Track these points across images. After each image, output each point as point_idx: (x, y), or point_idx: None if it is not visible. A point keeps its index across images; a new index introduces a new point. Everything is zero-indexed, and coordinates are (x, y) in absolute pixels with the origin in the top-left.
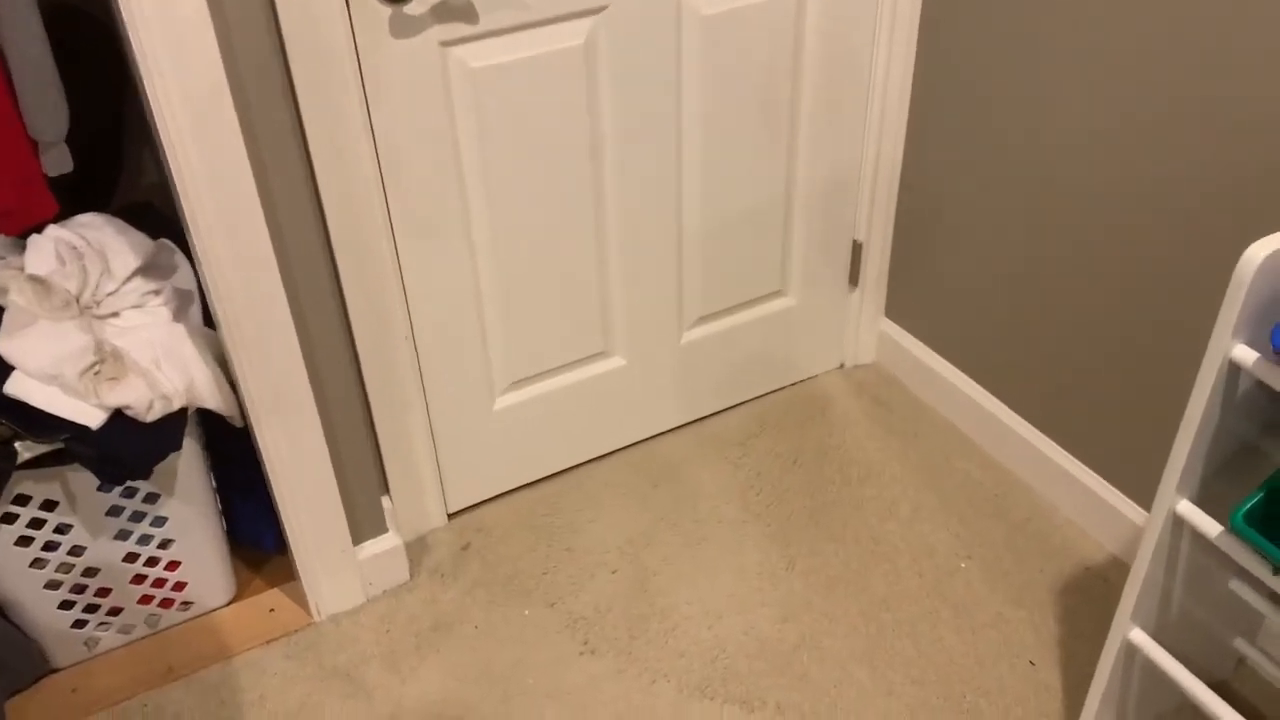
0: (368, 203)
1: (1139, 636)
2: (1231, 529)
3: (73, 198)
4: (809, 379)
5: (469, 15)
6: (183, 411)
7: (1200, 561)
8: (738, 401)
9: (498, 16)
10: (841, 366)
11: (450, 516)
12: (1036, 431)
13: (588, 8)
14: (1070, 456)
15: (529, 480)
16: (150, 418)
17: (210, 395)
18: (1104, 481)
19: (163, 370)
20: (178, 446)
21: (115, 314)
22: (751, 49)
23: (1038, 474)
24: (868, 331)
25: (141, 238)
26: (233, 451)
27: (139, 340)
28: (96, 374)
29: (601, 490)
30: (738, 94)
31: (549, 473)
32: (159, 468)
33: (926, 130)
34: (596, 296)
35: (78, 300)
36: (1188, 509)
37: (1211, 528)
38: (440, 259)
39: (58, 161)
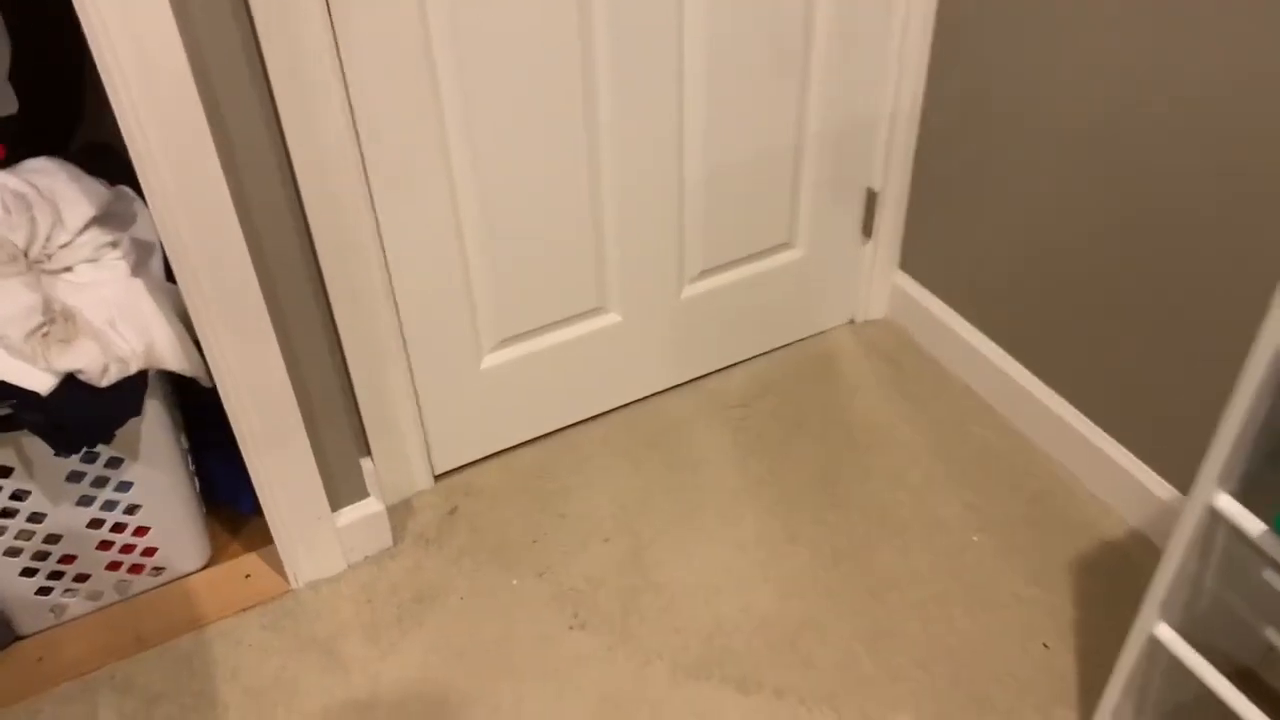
0: (338, 148)
1: (1165, 633)
2: (1277, 530)
3: (25, 142)
4: (816, 335)
5: None
6: (142, 374)
7: (1236, 552)
8: (740, 359)
9: None
10: (851, 322)
11: (437, 478)
12: (1058, 398)
13: None
14: (1094, 426)
15: (520, 441)
16: (105, 382)
17: (172, 356)
18: (1129, 454)
19: (119, 330)
20: (137, 412)
21: (68, 269)
22: None
23: (1058, 443)
24: (880, 285)
25: (97, 185)
26: (208, 406)
27: (93, 298)
28: (45, 335)
29: (595, 453)
30: (746, 23)
31: (541, 433)
32: (120, 432)
33: (951, 67)
34: (590, 249)
35: (25, 254)
36: (1228, 504)
37: (1254, 526)
38: (420, 208)
39: (2, 101)
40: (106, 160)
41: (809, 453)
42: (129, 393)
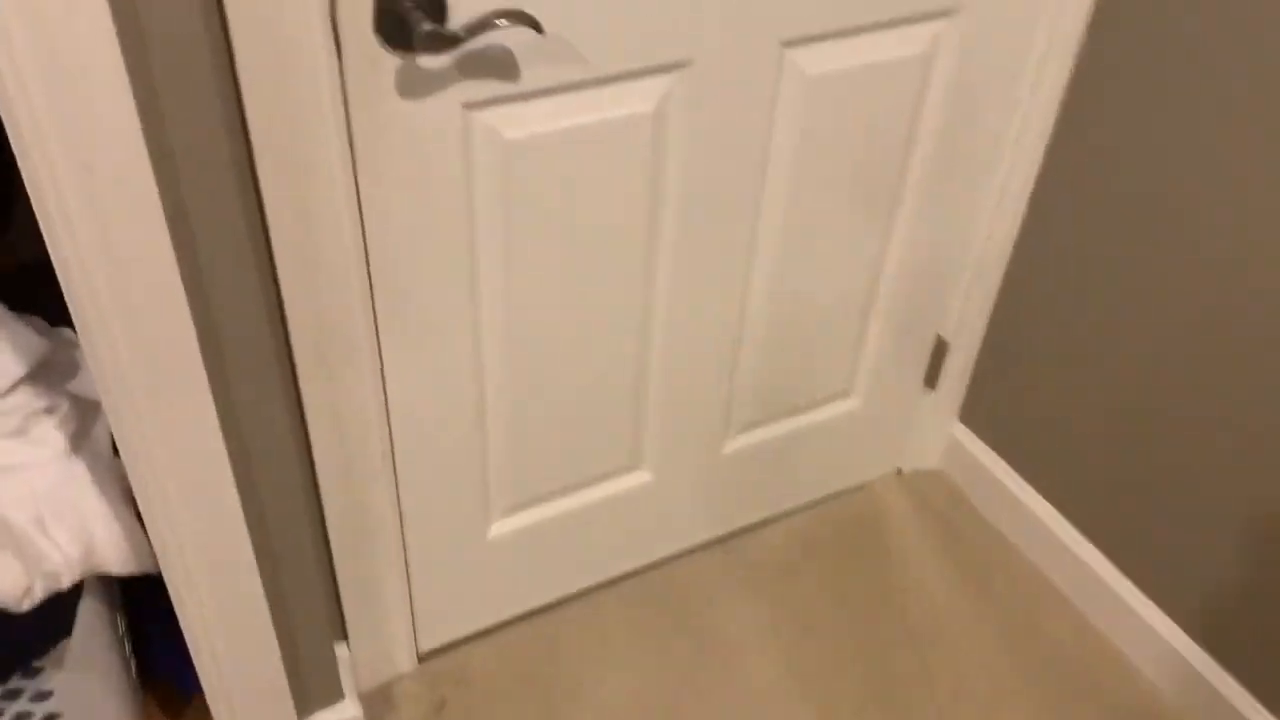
0: (344, 304)
1: None
2: None
3: None
4: (861, 485)
5: (507, 70)
6: (76, 586)
7: None
8: (777, 513)
9: (545, 73)
10: (899, 472)
11: (421, 658)
12: (1148, 601)
13: (664, 63)
14: (1191, 644)
15: (521, 612)
16: (27, 605)
17: (116, 556)
18: (1236, 685)
19: (49, 533)
20: (67, 632)
21: None
22: (859, 118)
23: (1146, 654)
24: (935, 435)
25: (29, 332)
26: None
27: (17, 490)
28: None
29: (610, 630)
30: (834, 170)
31: (546, 602)
32: None
33: (1048, 224)
34: (629, 405)
35: None
36: None
37: None
38: (437, 364)
39: None
40: (45, 288)
41: (861, 643)
42: (56, 613)
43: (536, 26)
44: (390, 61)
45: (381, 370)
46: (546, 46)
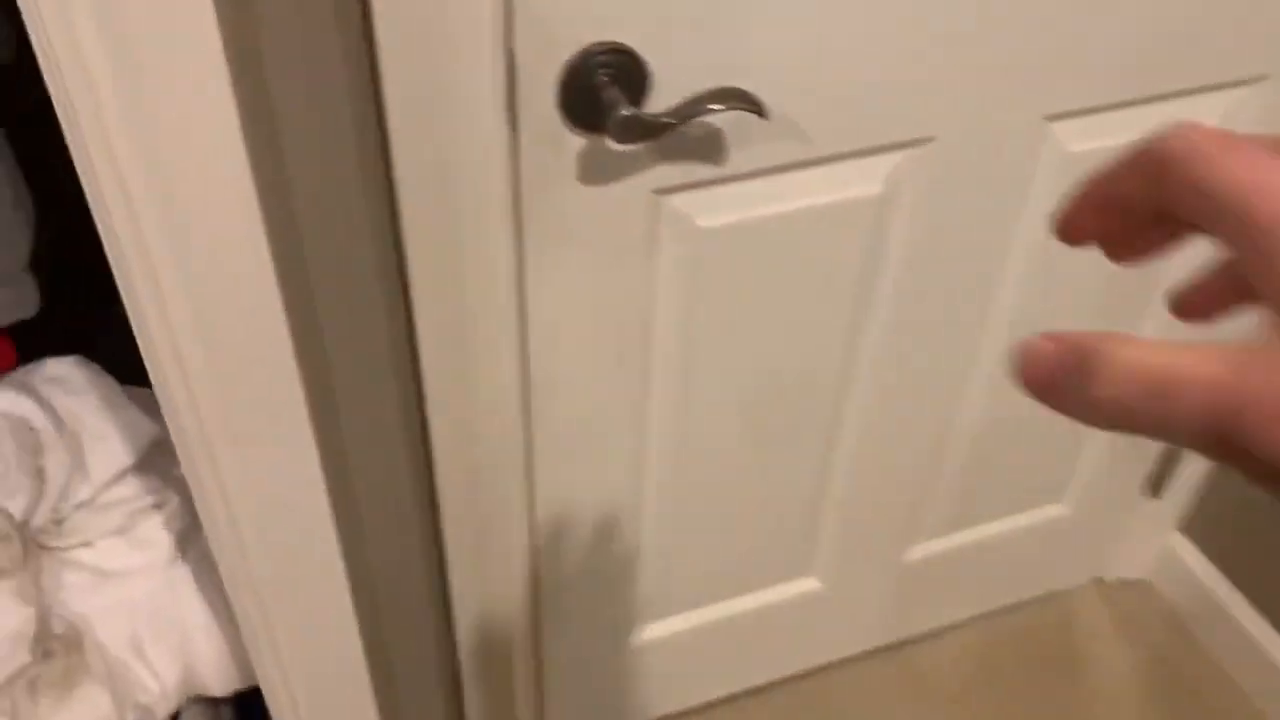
0: (497, 416)
1: None
2: None
3: (46, 344)
4: (1054, 594)
5: (712, 152)
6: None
7: None
8: (954, 622)
9: (757, 153)
10: (1099, 581)
11: None
12: None
13: (903, 139)
14: None
15: (658, 717)
16: None
17: (215, 677)
18: None
19: (146, 656)
20: None
21: (85, 544)
22: None
23: None
24: (1146, 544)
25: (138, 413)
26: None
27: (114, 602)
28: (33, 685)
29: None
30: (1085, 257)
31: (684, 707)
32: None
33: None
34: (805, 510)
35: (20, 531)
36: None
37: None
38: (595, 477)
39: (14, 303)
40: None
41: None
42: None
43: (759, 111)
44: (575, 142)
45: (530, 474)
46: (764, 125)
